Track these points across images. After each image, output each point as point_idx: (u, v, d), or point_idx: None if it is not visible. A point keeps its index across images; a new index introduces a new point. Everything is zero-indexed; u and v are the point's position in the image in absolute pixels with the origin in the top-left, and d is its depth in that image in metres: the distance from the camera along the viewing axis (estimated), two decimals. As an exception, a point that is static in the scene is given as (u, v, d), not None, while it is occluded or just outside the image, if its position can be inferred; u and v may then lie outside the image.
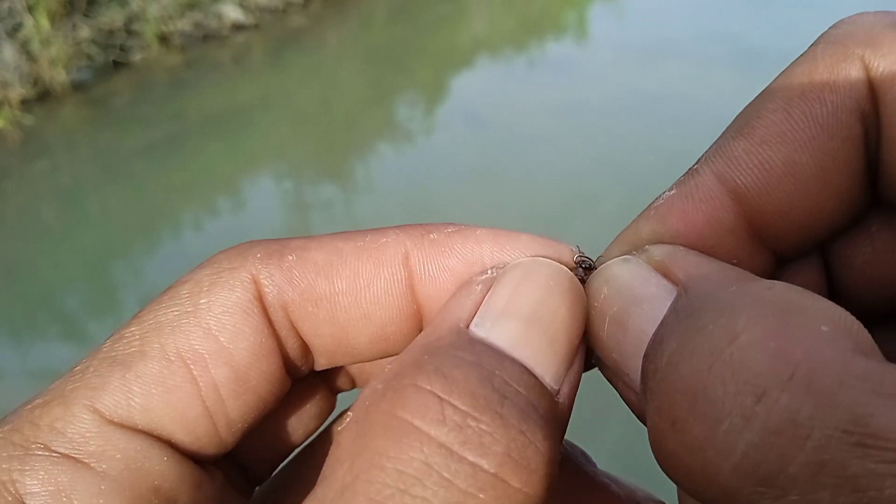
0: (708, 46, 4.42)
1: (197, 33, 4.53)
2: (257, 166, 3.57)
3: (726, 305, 0.20)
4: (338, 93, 4.34)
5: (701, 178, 0.24)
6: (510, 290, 0.24)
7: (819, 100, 0.23)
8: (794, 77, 0.24)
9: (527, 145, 3.46)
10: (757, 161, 0.23)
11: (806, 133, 0.23)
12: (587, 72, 4.33)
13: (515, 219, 2.94)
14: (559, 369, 0.23)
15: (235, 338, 0.25)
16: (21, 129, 3.62)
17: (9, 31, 3.89)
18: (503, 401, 0.21)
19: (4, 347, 2.55)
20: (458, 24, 5.23)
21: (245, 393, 0.25)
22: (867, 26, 0.22)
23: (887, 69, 0.21)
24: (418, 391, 0.21)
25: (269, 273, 0.26)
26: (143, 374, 0.24)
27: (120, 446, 0.24)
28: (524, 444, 0.20)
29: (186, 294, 0.25)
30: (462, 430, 0.20)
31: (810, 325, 0.19)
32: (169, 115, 3.84)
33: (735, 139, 0.24)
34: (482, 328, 0.23)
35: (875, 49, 0.22)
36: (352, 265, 0.26)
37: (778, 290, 0.20)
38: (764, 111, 0.24)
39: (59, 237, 3.07)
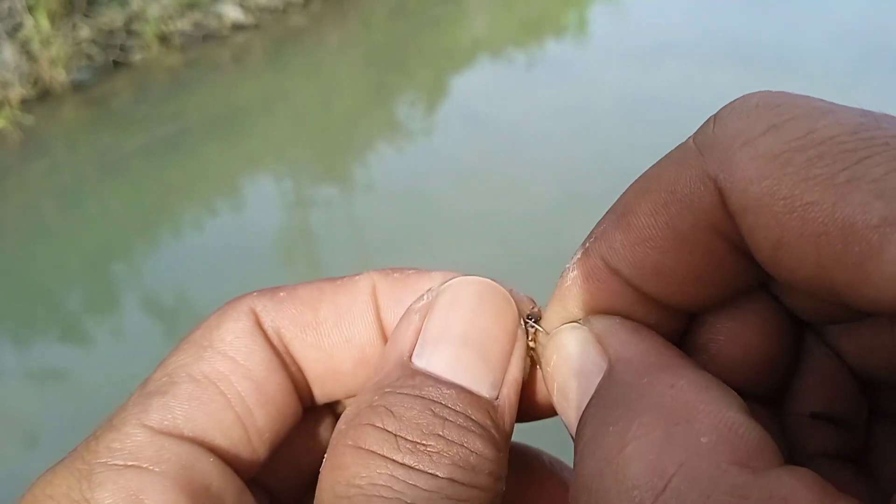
0: (708, 46, 4.42)
1: (197, 33, 4.53)
2: (257, 166, 3.57)
3: (629, 405, 0.23)
4: (338, 93, 4.34)
5: (592, 261, 0.26)
6: (443, 316, 0.28)
7: (678, 216, 0.24)
8: (662, 179, 0.25)
9: (527, 145, 3.46)
10: (632, 258, 0.25)
11: (670, 242, 0.24)
12: (587, 72, 4.34)
13: (515, 219, 2.94)
14: (495, 377, 0.27)
15: (249, 356, 0.29)
16: (21, 129, 3.62)
17: (9, 31, 3.89)
18: (444, 423, 0.25)
19: (4, 347, 2.55)
20: (458, 24, 5.23)
21: (266, 403, 0.29)
22: (728, 140, 0.22)
23: (740, 198, 0.22)
24: (375, 430, 0.25)
25: (264, 304, 0.30)
26: (178, 395, 0.28)
27: (173, 451, 0.27)
28: (466, 454, 0.25)
29: (200, 334, 0.30)
30: (415, 453, 0.25)
31: (692, 436, 0.21)
32: (169, 115, 3.84)
33: (615, 229, 0.26)
34: (422, 358, 0.27)
35: (730, 173, 0.22)
36: (331, 298, 0.31)
37: (678, 390, 0.22)
38: (637, 210, 0.25)
39: (59, 237, 3.07)
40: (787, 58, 4.12)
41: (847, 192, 0.19)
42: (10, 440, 2.13)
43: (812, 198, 0.20)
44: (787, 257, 0.21)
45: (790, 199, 0.20)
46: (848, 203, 0.19)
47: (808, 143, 0.20)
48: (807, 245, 0.20)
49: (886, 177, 0.19)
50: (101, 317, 2.69)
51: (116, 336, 2.59)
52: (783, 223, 0.21)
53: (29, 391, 2.35)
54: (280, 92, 4.24)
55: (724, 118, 0.23)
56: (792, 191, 0.20)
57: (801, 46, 4.29)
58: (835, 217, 0.19)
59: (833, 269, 0.20)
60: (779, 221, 0.21)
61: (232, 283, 2.70)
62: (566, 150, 3.42)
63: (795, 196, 0.20)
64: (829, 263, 0.20)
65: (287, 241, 3.01)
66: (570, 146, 3.44)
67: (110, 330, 2.63)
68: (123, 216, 3.25)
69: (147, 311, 2.65)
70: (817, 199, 0.20)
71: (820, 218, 0.20)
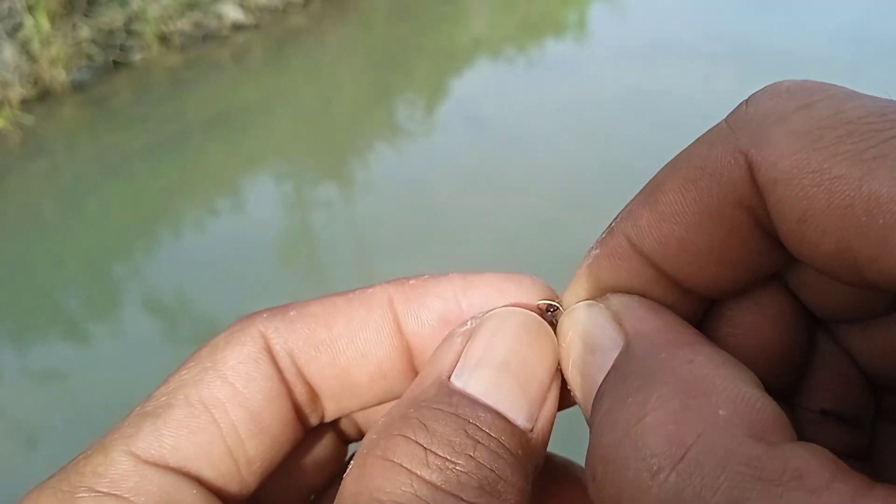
0: (708, 46, 4.42)
1: (197, 33, 4.53)
2: (257, 166, 3.57)
3: (647, 378, 0.23)
4: (338, 92, 4.34)
5: (616, 240, 0.27)
6: (485, 342, 0.28)
7: (707, 190, 0.24)
8: (693, 157, 0.25)
9: (527, 145, 3.46)
10: (657, 234, 0.26)
11: (696, 217, 0.25)
12: (587, 72, 4.34)
13: (515, 219, 2.94)
14: (532, 410, 0.27)
15: (249, 384, 0.29)
16: (21, 128, 3.62)
17: (9, 31, 3.89)
18: (476, 445, 0.25)
19: (4, 347, 2.55)
20: (458, 24, 5.23)
21: (261, 433, 0.29)
22: (760, 118, 0.23)
23: (770, 171, 0.23)
24: (406, 441, 0.25)
25: (275, 326, 0.30)
26: (170, 421, 0.28)
27: (154, 482, 0.27)
28: (494, 480, 0.25)
29: (206, 353, 0.30)
30: (443, 471, 0.24)
31: (709, 409, 0.21)
32: (169, 115, 3.84)
33: (642, 207, 0.26)
34: (460, 379, 0.27)
35: (760, 149, 0.23)
36: (345, 312, 0.30)
37: (696, 366, 0.23)
38: (666, 187, 0.26)
39: (59, 237, 3.08)
40: (787, 57, 4.12)
41: (874, 168, 0.20)
42: (10, 440, 2.13)
43: (840, 172, 0.21)
44: (811, 231, 0.22)
45: (819, 173, 0.21)
46: (874, 178, 0.20)
47: (838, 121, 0.21)
48: (832, 218, 0.21)
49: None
50: (101, 317, 2.69)
51: (116, 336, 2.59)
52: (811, 196, 0.21)
53: (29, 391, 2.35)
54: (280, 92, 4.24)
55: (757, 99, 0.24)
56: (821, 165, 0.21)
57: (801, 46, 4.29)
58: (861, 191, 0.20)
59: (856, 242, 0.21)
60: (807, 194, 0.21)
61: (232, 283, 2.70)
62: (566, 150, 3.42)
63: (824, 170, 0.21)
64: (853, 236, 0.21)
65: (287, 241, 3.02)
66: (570, 146, 3.44)
67: (110, 330, 2.63)
68: (123, 216, 3.25)
69: (147, 311, 2.65)
70: (845, 174, 0.21)
71: (847, 191, 0.21)
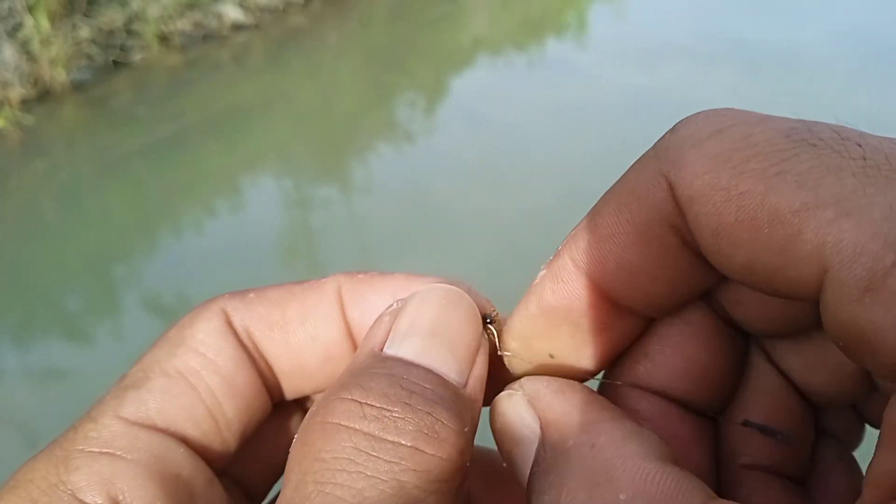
0: (707, 47, 4.42)
1: (197, 33, 4.53)
2: (257, 166, 3.57)
3: (558, 472, 0.25)
4: (338, 92, 4.34)
5: (561, 261, 0.28)
6: (412, 314, 0.29)
7: (637, 211, 0.26)
8: (626, 182, 0.27)
9: (527, 145, 3.46)
10: (596, 254, 0.27)
11: (630, 237, 0.26)
12: (587, 71, 4.33)
13: (515, 219, 2.94)
14: (462, 367, 0.28)
15: (219, 353, 0.31)
16: (21, 128, 3.62)
17: (9, 31, 3.89)
18: (411, 395, 0.26)
19: (4, 347, 2.55)
20: (458, 23, 5.23)
21: (235, 396, 0.31)
22: (679, 143, 0.25)
23: (686, 190, 0.24)
24: (342, 401, 0.26)
25: (234, 305, 0.32)
26: (152, 389, 0.30)
27: (145, 440, 0.29)
28: (432, 422, 0.25)
29: (173, 332, 0.31)
30: (380, 420, 0.25)
31: (612, 495, 0.23)
32: (169, 115, 3.84)
33: (584, 230, 0.28)
34: (392, 348, 0.28)
35: (678, 170, 0.24)
36: (299, 298, 0.32)
37: (597, 450, 0.25)
38: (604, 210, 0.27)
39: (60, 237, 3.08)
40: (787, 58, 4.12)
41: (775, 184, 0.22)
42: (10, 440, 2.13)
43: (746, 188, 0.22)
44: (724, 244, 0.23)
45: (727, 190, 0.23)
46: (775, 192, 0.22)
47: (747, 144, 0.23)
48: (740, 231, 0.23)
49: (810, 171, 0.21)
50: (101, 316, 2.69)
51: (116, 336, 2.60)
52: (721, 211, 0.23)
53: (29, 391, 2.35)
54: (280, 92, 4.24)
55: (677, 128, 0.26)
56: (729, 182, 0.23)
57: (800, 46, 4.29)
58: (764, 204, 0.22)
59: (763, 253, 0.22)
60: (718, 209, 0.23)
61: (232, 282, 2.69)
62: (566, 150, 3.42)
63: (732, 187, 0.23)
64: (759, 248, 0.22)
65: (287, 241, 3.02)
66: (570, 146, 3.44)
67: (110, 330, 2.63)
68: (123, 216, 3.25)
69: (147, 311, 2.65)
70: (750, 189, 0.22)
71: (751, 205, 0.22)
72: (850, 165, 0.21)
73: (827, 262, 0.21)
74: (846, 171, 0.21)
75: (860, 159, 0.21)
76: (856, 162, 0.21)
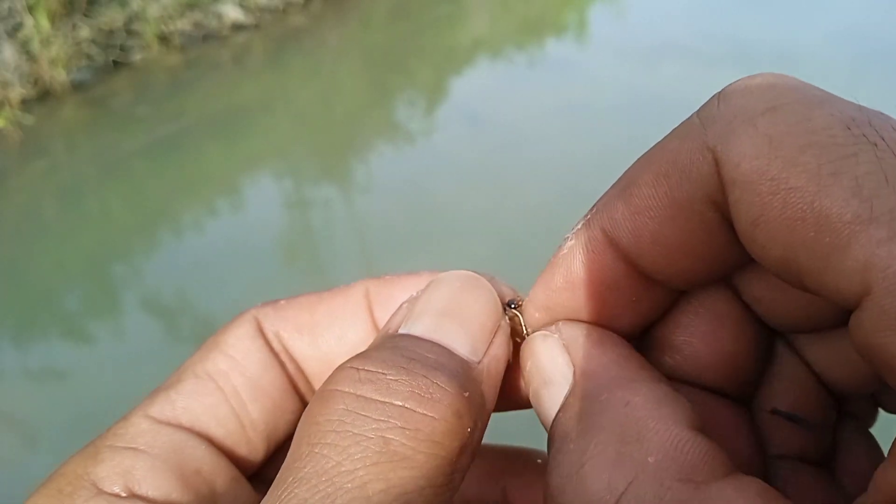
0: (707, 47, 4.42)
1: (197, 33, 4.53)
2: (257, 166, 3.58)
3: (588, 422, 0.25)
4: (338, 92, 4.35)
5: (592, 231, 0.27)
6: (426, 297, 0.30)
7: (678, 185, 0.25)
8: (665, 151, 0.26)
9: (527, 145, 3.46)
10: (631, 227, 0.26)
11: (668, 211, 0.25)
12: (587, 71, 4.34)
13: (515, 218, 2.94)
14: (475, 345, 0.28)
15: (246, 356, 0.32)
16: (21, 128, 3.62)
17: (9, 31, 3.89)
18: (411, 362, 0.26)
19: (5, 347, 2.55)
20: (457, 24, 5.23)
21: (261, 397, 0.32)
22: (730, 116, 0.23)
23: (732, 171, 0.23)
24: (342, 369, 0.26)
25: (266, 312, 0.34)
26: (181, 390, 0.31)
27: (167, 437, 0.30)
28: (427, 384, 0.25)
29: (210, 340, 0.33)
30: (373, 382, 0.25)
31: (641, 455, 0.23)
32: (169, 115, 3.84)
33: (617, 200, 0.27)
34: (405, 328, 0.29)
35: (727, 146, 0.23)
36: (327, 302, 0.34)
37: (632, 408, 0.24)
38: (640, 181, 0.26)
39: (60, 237, 3.08)
40: (787, 57, 4.12)
41: (829, 185, 0.20)
42: (10, 440, 2.13)
43: (796, 184, 0.21)
44: (762, 235, 0.22)
45: (777, 182, 0.21)
46: (827, 195, 0.20)
47: (802, 130, 0.21)
48: (783, 227, 0.21)
49: (867, 177, 0.20)
50: (102, 316, 2.69)
51: (117, 336, 2.60)
52: (766, 202, 0.22)
53: (29, 391, 2.35)
54: (280, 92, 4.24)
55: (728, 95, 0.24)
56: (780, 173, 0.21)
57: (800, 46, 4.29)
58: (813, 206, 0.20)
59: (802, 254, 0.21)
60: (762, 200, 0.22)
61: (233, 282, 2.70)
62: (566, 150, 3.42)
63: (782, 179, 0.21)
64: (800, 248, 0.21)
65: (288, 241, 3.02)
66: (570, 146, 3.44)
67: (111, 330, 2.63)
68: (124, 216, 3.25)
69: (147, 311, 2.65)
70: (801, 186, 0.21)
71: (800, 204, 0.21)
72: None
73: (871, 283, 0.20)
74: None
75: None
76: None
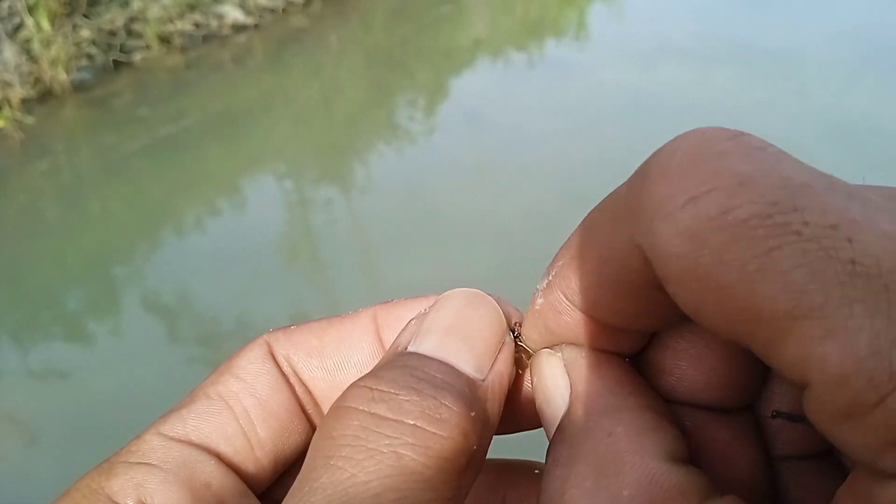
0: (707, 47, 4.42)
1: (197, 34, 4.53)
2: (258, 166, 3.58)
3: (573, 449, 0.26)
4: (338, 93, 4.35)
5: (554, 294, 0.29)
6: (433, 315, 0.31)
7: (618, 271, 0.25)
8: (603, 234, 0.26)
9: (527, 145, 3.46)
10: (586, 297, 0.27)
11: (616, 289, 0.26)
12: (587, 72, 4.34)
13: (515, 219, 2.94)
14: (480, 363, 0.29)
15: (257, 378, 0.34)
16: (22, 129, 3.62)
17: (9, 31, 3.89)
18: (420, 382, 0.27)
19: (6, 347, 2.55)
20: (458, 24, 5.23)
21: (269, 417, 0.34)
22: (653, 207, 0.23)
23: (661, 269, 0.23)
24: (356, 387, 0.28)
25: (277, 337, 0.35)
26: (193, 409, 0.33)
27: (178, 452, 0.32)
28: (436, 405, 0.27)
29: (224, 364, 0.35)
30: (387, 402, 0.27)
31: (616, 489, 0.24)
32: (170, 115, 3.85)
33: (571, 269, 0.28)
34: (412, 346, 0.30)
35: (652, 246, 0.23)
36: (336, 326, 0.35)
37: (613, 439, 0.25)
38: (586, 257, 0.27)
39: (60, 237, 3.08)
40: (787, 58, 4.12)
41: (756, 282, 0.21)
42: (10, 440, 2.13)
43: (725, 282, 0.21)
44: (706, 321, 0.23)
45: (705, 281, 0.22)
46: (756, 293, 0.21)
47: (723, 224, 0.21)
48: (721, 319, 0.22)
49: (793, 272, 0.20)
50: (102, 316, 2.69)
51: (117, 336, 2.60)
52: (700, 299, 0.22)
53: (29, 391, 2.35)
54: (281, 92, 4.24)
55: (649, 178, 0.24)
56: (707, 272, 0.22)
57: (800, 46, 4.29)
58: (745, 303, 0.21)
59: (745, 340, 0.22)
60: (696, 297, 0.22)
61: (233, 282, 2.70)
62: (566, 150, 3.42)
63: (710, 278, 0.22)
64: (742, 336, 0.22)
65: (288, 241, 3.02)
66: (570, 146, 3.44)
67: (111, 330, 2.63)
68: (124, 216, 3.25)
69: (148, 311, 2.65)
70: (730, 284, 0.21)
71: (732, 301, 0.21)
72: (837, 271, 0.20)
73: (808, 379, 0.20)
74: (832, 279, 0.20)
75: (849, 263, 0.20)
76: (843, 266, 0.20)
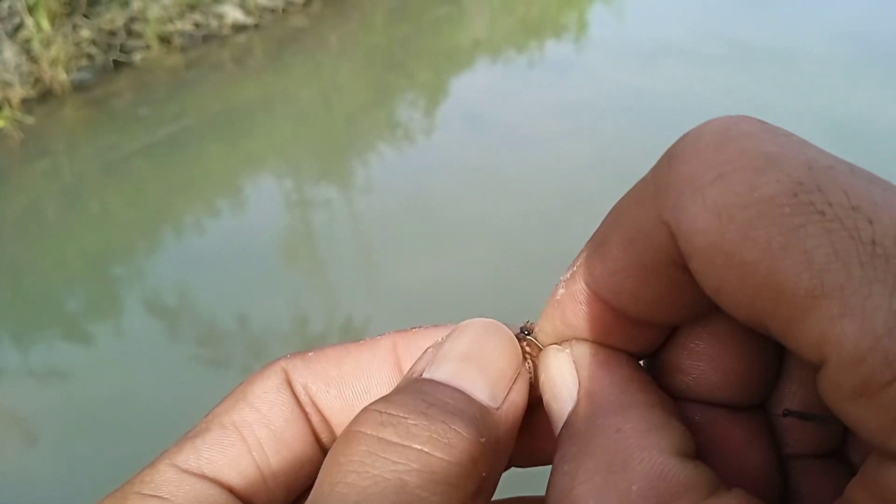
0: (706, 47, 4.42)
1: (197, 34, 4.53)
2: (258, 166, 3.58)
3: (582, 446, 0.26)
4: (338, 93, 4.35)
5: (577, 285, 0.29)
6: (449, 343, 0.31)
7: (643, 251, 0.26)
8: (629, 217, 0.27)
9: (527, 145, 3.46)
10: (610, 285, 0.27)
11: (640, 273, 0.26)
12: (587, 72, 4.34)
13: (515, 219, 2.94)
14: (495, 391, 0.29)
15: (272, 408, 0.34)
16: (22, 129, 3.62)
17: (9, 31, 3.89)
18: (431, 407, 0.27)
19: (6, 347, 2.55)
20: (458, 24, 5.23)
21: (283, 449, 0.33)
22: (680, 185, 0.24)
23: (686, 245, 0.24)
24: (367, 412, 0.28)
25: (294, 364, 0.35)
26: (207, 440, 0.33)
27: (190, 486, 0.32)
28: (445, 430, 0.26)
29: (238, 389, 0.35)
30: (395, 427, 0.26)
31: (625, 484, 0.24)
32: (170, 115, 3.85)
33: (594, 258, 0.28)
34: (427, 373, 0.30)
35: (678, 220, 0.24)
36: (354, 355, 0.35)
37: (622, 435, 0.26)
38: (611, 242, 0.27)
39: (60, 237, 3.08)
40: (787, 58, 4.12)
41: (780, 259, 0.21)
42: (10, 439, 2.13)
43: (750, 258, 0.22)
44: (726, 301, 0.23)
45: (730, 257, 0.22)
46: (779, 271, 0.21)
47: (750, 200, 0.22)
48: (742, 297, 0.22)
49: (816, 250, 0.21)
50: (102, 316, 2.69)
51: (118, 336, 2.60)
52: (722, 275, 0.23)
53: (30, 390, 2.35)
54: (281, 92, 4.24)
55: (676, 157, 0.24)
56: (732, 248, 0.22)
57: (800, 47, 4.29)
58: (767, 280, 0.21)
59: (765, 319, 0.22)
60: (719, 273, 0.23)
61: (233, 282, 2.70)
62: (566, 150, 3.42)
63: (735, 254, 0.22)
64: (762, 315, 0.22)
65: (288, 241, 3.02)
66: (570, 146, 3.44)
67: (111, 329, 2.63)
68: (124, 216, 3.26)
69: (148, 311, 2.65)
70: (754, 260, 0.22)
71: (755, 277, 0.22)
72: (858, 251, 0.20)
73: (825, 356, 0.21)
74: (853, 259, 0.20)
75: (869, 244, 0.20)
76: (864, 247, 0.20)
